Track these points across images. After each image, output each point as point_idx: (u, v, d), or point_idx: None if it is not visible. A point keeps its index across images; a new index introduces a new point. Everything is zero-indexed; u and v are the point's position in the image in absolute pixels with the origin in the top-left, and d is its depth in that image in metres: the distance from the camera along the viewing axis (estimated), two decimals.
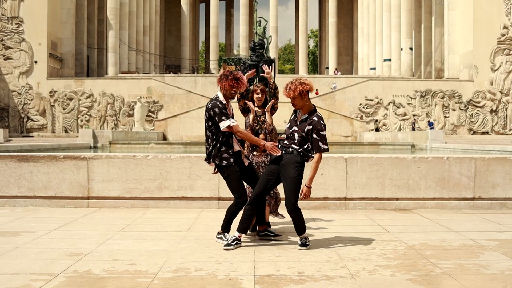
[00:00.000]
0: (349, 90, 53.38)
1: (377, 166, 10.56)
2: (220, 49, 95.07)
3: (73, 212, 9.95)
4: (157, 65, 73.42)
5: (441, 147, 29.41)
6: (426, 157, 10.80)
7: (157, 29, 75.90)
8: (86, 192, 10.52)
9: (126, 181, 10.46)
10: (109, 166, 10.48)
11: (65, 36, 56.50)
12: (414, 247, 7.17)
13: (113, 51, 60.04)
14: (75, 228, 8.39)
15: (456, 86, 53.53)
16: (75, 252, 6.71)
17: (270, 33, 60.18)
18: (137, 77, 56.69)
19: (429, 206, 10.69)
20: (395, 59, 63.58)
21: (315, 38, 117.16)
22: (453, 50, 57.72)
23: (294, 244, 7.31)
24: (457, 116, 52.85)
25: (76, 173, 10.50)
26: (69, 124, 51.65)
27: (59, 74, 54.97)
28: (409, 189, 10.65)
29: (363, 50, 76.19)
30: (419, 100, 52.85)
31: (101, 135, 33.69)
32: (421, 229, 8.57)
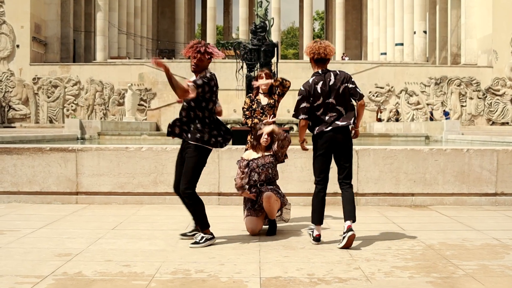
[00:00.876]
0: (358, 77, 52.86)
1: (391, 159, 10.53)
2: (218, 33, 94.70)
3: (61, 208, 9.92)
4: (149, 50, 73.07)
5: (458, 138, 29.32)
6: (444, 149, 10.76)
7: (149, 11, 75.55)
8: (75, 187, 10.48)
9: (118, 175, 10.43)
10: (100, 159, 10.44)
11: (49, 18, 55.99)
12: (433, 247, 7.13)
13: (102, 34, 59.68)
14: (63, 226, 8.36)
15: (473, 72, 53.20)
16: (64, 252, 6.67)
17: (272, 15, 59.89)
18: (128, 62, 56.28)
19: (447, 202, 10.66)
20: (407, 43, 63.13)
21: (320, 20, 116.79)
22: (470, 34, 57.41)
23: (302, 243, 7.28)
24: (475, 105, 52.51)
25: (63, 167, 10.46)
26: (54, 114, 51.35)
27: (43, 60, 54.62)
28: (425, 184, 10.61)
29: (373, 34, 75.67)
30: (434, 88, 52.51)
31: (89, 125, 33.60)
32: (440, 227, 8.55)
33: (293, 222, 8.79)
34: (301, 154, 10.43)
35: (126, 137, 32.00)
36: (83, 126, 32.58)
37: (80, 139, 30.83)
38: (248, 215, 7.99)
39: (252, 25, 30.11)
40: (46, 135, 27.37)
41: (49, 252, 6.68)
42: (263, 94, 8.97)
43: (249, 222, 7.92)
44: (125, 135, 32.89)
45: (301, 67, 55.72)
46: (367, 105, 50.49)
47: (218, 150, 10.26)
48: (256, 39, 29.61)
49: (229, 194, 10.34)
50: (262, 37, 29.86)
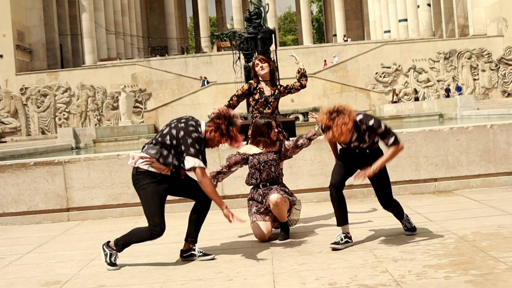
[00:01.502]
0: (362, 58, 52.65)
1: (409, 142, 10.03)
2: (211, 24, 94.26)
3: (51, 228, 9.45)
4: (141, 48, 72.79)
5: (473, 114, 28.91)
6: (466, 127, 10.25)
7: (137, 7, 75.21)
8: (65, 203, 10.01)
9: (112, 186, 9.95)
10: (90, 170, 9.96)
11: (32, 24, 55.68)
12: (466, 238, 6.62)
13: (89, 36, 59.31)
14: (52, 249, 7.89)
15: (484, 43, 52.75)
16: (53, 279, 6.19)
17: (266, 1, 59.48)
18: (119, 63, 56.02)
19: (473, 185, 10.17)
20: (411, 18, 62.76)
21: (318, 2, 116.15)
22: (477, 3, 56.96)
23: (319, 247, 6.79)
24: (488, 78, 52.07)
25: (51, 182, 9.98)
26: (46, 124, 51.06)
27: (30, 68, 54.27)
28: (448, 167, 10.12)
29: (374, 12, 75.29)
30: (443, 63, 52.10)
31: (83, 133, 33.23)
32: (470, 214, 8.04)
33: (306, 222, 8.32)
34: (311, 146, 9.93)
35: (123, 143, 31.58)
36: (77, 134, 32.19)
37: (75, 148, 30.43)
38: (254, 221, 7.50)
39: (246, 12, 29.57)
40: (38, 148, 26.92)
41: (35, 281, 6.20)
42: (265, 82, 8.46)
43: (257, 228, 7.42)
44: (122, 140, 32.46)
45: (301, 52, 55.44)
46: (374, 87, 50.08)
47: (218, 150, 9.80)
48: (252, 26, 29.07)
49: (234, 196, 9.86)
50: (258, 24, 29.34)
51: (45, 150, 26.44)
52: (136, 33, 72.89)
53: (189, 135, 6.38)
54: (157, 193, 6.50)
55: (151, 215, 6.45)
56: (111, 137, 33.88)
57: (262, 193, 7.52)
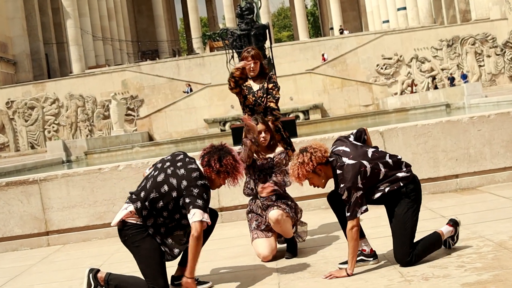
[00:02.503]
0: (361, 51, 51.88)
1: (425, 136, 9.24)
2: (203, 25, 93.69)
3: (28, 256, 8.64)
4: (130, 54, 72.11)
5: (482, 102, 28.38)
6: (487, 115, 9.44)
7: (124, 11, 74.53)
8: (44, 226, 9.20)
9: (95, 204, 9.14)
10: (69, 187, 9.14)
11: (15, 34, 54.73)
12: (505, 245, 5.80)
13: (75, 43, 58.43)
14: (28, 282, 7.07)
15: (487, 28, 52.02)
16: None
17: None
18: (108, 70, 55.21)
19: (499, 179, 9.38)
20: (411, 6, 62.19)
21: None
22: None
23: (333, 264, 5.96)
24: (494, 63, 51.34)
25: (26, 203, 9.17)
26: (35, 138, 50.22)
27: (15, 81, 53.37)
28: (470, 161, 9.33)
29: (371, 2, 74.80)
30: (447, 51, 51.34)
31: (73, 145, 32.63)
32: (503, 215, 7.22)
33: (315, 233, 7.51)
34: None
35: (116, 153, 30.94)
36: (68, 147, 31.61)
37: (66, 162, 29.85)
38: (255, 238, 6.64)
39: (238, 8, 28.84)
40: (26, 164, 26.25)
41: None
42: (253, 80, 7.63)
43: (259, 246, 6.56)
44: (115, 150, 31.80)
45: (298, 48, 55.00)
46: (376, 80, 49.38)
47: None
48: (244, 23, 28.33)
49: (233, 207, 9.06)
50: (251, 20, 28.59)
51: (34, 165, 25.82)
52: (124, 37, 72.22)
53: (194, 184, 5.53)
54: (155, 248, 5.64)
55: (153, 277, 5.53)
56: (104, 148, 33.22)
57: (262, 205, 6.69)
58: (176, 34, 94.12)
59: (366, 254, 5.86)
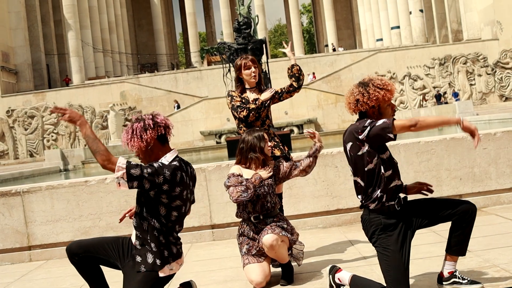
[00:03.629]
0: (355, 67, 51.49)
1: (428, 154, 8.55)
2: (201, 40, 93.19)
3: (8, 272, 7.88)
4: (130, 66, 71.65)
5: (473, 120, 27.80)
6: (494, 133, 8.74)
7: (125, 25, 74.08)
8: (26, 240, 8.45)
9: (80, 218, 8.39)
10: (53, 200, 8.40)
11: (17, 45, 54.23)
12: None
13: (76, 55, 57.91)
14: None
15: (479, 47, 51.69)
16: None
17: (256, 13, 58.35)
18: (107, 81, 54.74)
19: (505, 200, 8.72)
20: (404, 25, 61.90)
21: (308, 13, 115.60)
22: (470, 7, 56.00)
23: None
24: (485, 82, 50.98)
25: (8, 216, 8.42)
26: (34, 147, 49.65)
27: (16, 90, 52.80)
28: (475, 181, 8.64)
29: (366, 21, 74.63)
30: (439, 69, 50.97)
31: (71, 155, 32.11)
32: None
33: (312, 255, 6.76)
34: None
35: None
36: (65, 156, 31.16)
37: (63, 170, 29.30)
38: (247, 263, 5.87)
39: (235, 22, 28.28)
40: (24, 172, 25.68)
41: None
42: (250, 90, 6.91)
43: (251, 272, 5.77)
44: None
45: None
46: None
47: (204, 171, 8.29)
48: (241, 37, 27.80)
49: (225, 225, 8.30)
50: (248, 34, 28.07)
51: (31, 173, 25.30)
52: (124, 50, 71.74)
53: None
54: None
55: None
56: None
57: (254, 228, 5.92)
58: (175, 48, 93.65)
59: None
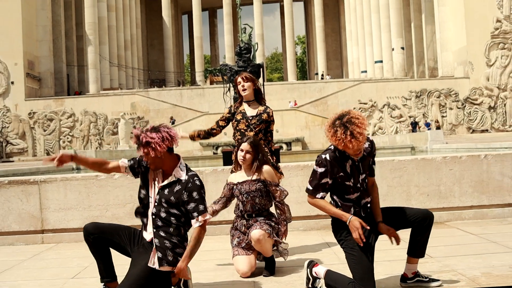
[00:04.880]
0: (341, 95, 51.66)
1: (400, 171, 8.59)
2: (206, 61, 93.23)
3: (22, 251, 7.89)
4: (141, 80, 71.65)
5: (443, 147, 27.86)
6: (459, 157, 8.80)
7: (139, 43, 74.10)
8: (40, 224, 8.45)
9: (89, 208, 8.41)
10: (67, 191, 8.42)
11: (42, 55, 54.24)
12: (478, 281, 5.13)
13: (94, 67, 57.96)
14: (14, 276, 6.32)
15: (451, 84, 51.88)
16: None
17: (256, 41, 58.47)
18: (120, 93, 54.81)
19: (466, 216, 8.72)
20: (386, 60, 62.11)
21: (302, 44, 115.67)
22: (446, 48, 56.12)
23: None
24: (455, 115, 51.17)
25: (25, 202, 8.43)
26: (51, 146, 49.61)
27: (38, 95, 52.78)
28: (440, 197, 8.67)
29: (353, 54, 74.83)
30: (415, 101, 51.18)
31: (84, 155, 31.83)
32: (472, 250, 6.54)
33: (293, 253, 6.80)
34: (297, 172, 8.51)
35: None
36: None
37: (75, 169, 29.05)
38: (236, 254, 5.95)
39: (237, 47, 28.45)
40: (40, 167, 25.44)
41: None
42: (248, 103, 6.95)
43: (239, 262, 5.86)
44: None
45: (286, 88, 55.26)
46: None
47: (202, 173, 8.33)
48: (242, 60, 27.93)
49: (217, 222, 8.31)
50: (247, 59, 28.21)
51: (46, 170, 25.00)
52: (137, 66, 71.74)
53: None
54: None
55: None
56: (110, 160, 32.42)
57: (246, 224, 6.01)
58: (182, 67, 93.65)
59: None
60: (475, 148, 22.50)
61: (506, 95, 51.52)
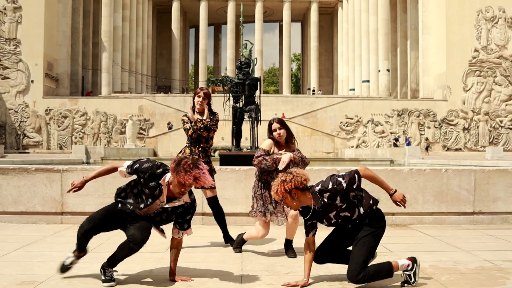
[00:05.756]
0: (330, 109, 52.17)
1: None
2: (209, 72, 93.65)
3: (44, 229, 8.44)
4: (148, 86, 72.05)
5: (419, 162, 28.30)
6: (424, 169, 9.41)
7: (149, 52, 74.53)
8: (60, 207, 9.02)
9: (103, 195, 8.97)
10: None
11: (60, 57, 54.70)
12: (425, 271, 5.74)
13: (107, 71, 58.47)
14: (38, 249, 6.89)
15: (430, 105, 52.49)
16: (29, 279, 5.22)
17: (255, 56, 58.94)
18: (129, 96, 55.26)
19: (427, 221, 9.31)
20: (373, 80, 62.60)
21: (297, 61, 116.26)
22: (427, 72, 56.70)
23: (286, 268, 5.85)
24: (432, 134, 51.76)
25: (49, 187, 9.00)
26: (64, 141, 50.03)
27: (55, 94, 53.16)
28: (406, 204, 9.24)
29: (343, 72, 75.33)
30: (397, 119, 51.73)
31: (93, 151, 32.41)
32: (426, 248, 7.16)
33: (280, 243, 7.37)
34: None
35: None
36: (88, 151, 31.39)
37: (85, 163, 29.53)
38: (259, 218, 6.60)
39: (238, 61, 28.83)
40: (54, 159, 26.00)
41: (12, 279, 5.22)
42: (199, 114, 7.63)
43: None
44: (125, 159, 31.34)
45: (281, 100, 55.58)
46: (338, 134, 49.56)
47: None
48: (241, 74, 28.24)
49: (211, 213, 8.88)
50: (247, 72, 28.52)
51: (59, 162, 25.54)
52: (146, 73, 72.13)
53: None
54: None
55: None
56: (117, 156, 32.90)
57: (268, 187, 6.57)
58: (187, 75, 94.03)
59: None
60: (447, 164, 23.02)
61: (479, 118, 52.16)
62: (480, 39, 52.94)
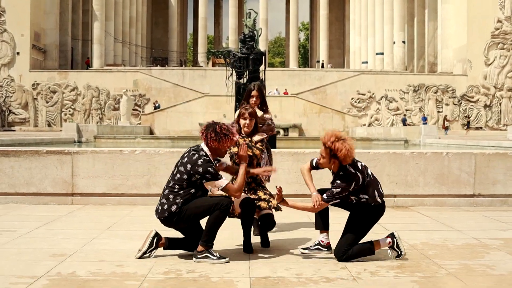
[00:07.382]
0: (340, 84, 53.11)
1: (375, 161, 10.36)
2: (209, 42, 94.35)
3: (57, 209, 9.68)
4: (143, 58, 72.92)
5: (435, 142, 29.13)
6: (425, 153, 10.61)
7: (144, 21, 75.34)
8: (70, 188, 10.25)
9: (113, 177, 10.20)
10: (95, 161, 10.21)
11: (48, 27, 55.80)
12: (415, 247, 6.98)
13: (98, 42, 59.49)
14: (58, 227, 8.14)
15: (449, 80, 53.37)
16: (59, 252, 6.45)
17: (260, 26, 59.67)
18: (123, 69, 56.21)
19: (427, 203, 10.51)
20: (387, 52, 63.33)
21: (306, 31, 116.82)
22: (446, 44, 57.51)
23: (291, 246, 7.10)
24: (451, 111, 52.65)
25: (59, 169, 10.23)
26: (53, 118, 51.13)
27: (42, 66, 54.33)
28: (407, 186, 10.46)
29: (355, 43, 75.91)
30: (412, 95, 52.64)
31: (85, 129, 33.14)
32: (422, 228, 8.40)
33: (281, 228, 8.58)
34: (288, 157, 10.26)
35: (120, 141, 31.46)
36: (80, 129, 32.07)
37: (77, 142, 30.37)
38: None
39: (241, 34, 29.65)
40: (44, 138, 26.91)
41: (43, 252, 6.46)
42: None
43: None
44: (120, 138, 32.37)
45: (287, 74, 56.13)
46: (349, 111, 50.47)
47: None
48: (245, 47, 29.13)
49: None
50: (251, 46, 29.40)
51: (50, 141, 26.39)
52: (140, 43, 73.02)
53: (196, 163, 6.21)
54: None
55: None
56: (111, 135, 33.79)
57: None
58: (185, 46, 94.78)
59: (322, 245, 6.63)
60: (465, 145, 23.88)
61: (502, 94, 53.02)
62: (503, 9, 53.65)
